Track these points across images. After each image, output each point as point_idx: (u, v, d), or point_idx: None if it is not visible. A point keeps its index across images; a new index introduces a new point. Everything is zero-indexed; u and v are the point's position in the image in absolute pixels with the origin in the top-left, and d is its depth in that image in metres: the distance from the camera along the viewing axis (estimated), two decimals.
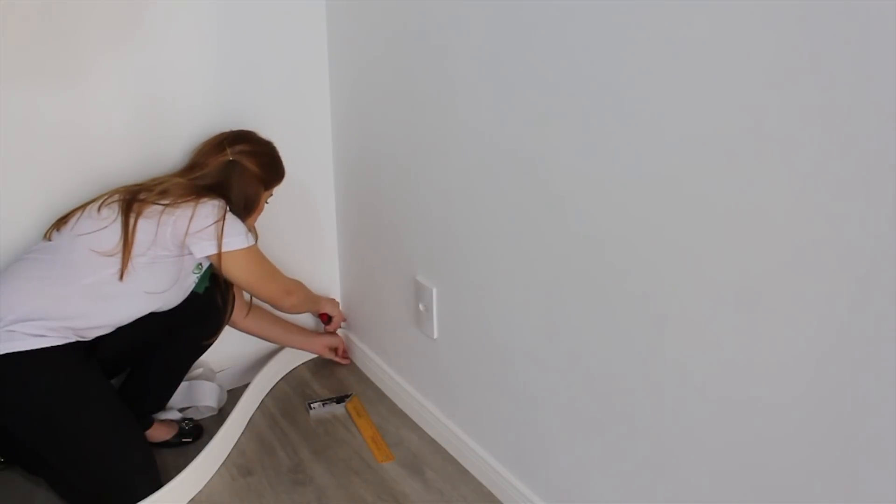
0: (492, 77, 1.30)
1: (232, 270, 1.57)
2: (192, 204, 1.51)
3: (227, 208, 1.55)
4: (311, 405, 1.83)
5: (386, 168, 1.71)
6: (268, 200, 1.72)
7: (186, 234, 1.50)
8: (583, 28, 1.10)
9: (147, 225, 1.48)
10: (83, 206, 1.53)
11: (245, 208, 1.62)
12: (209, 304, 1.65)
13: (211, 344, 1.71)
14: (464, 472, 1.61)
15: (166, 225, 1.48)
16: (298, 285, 1.82)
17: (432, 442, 1.71)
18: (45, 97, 1.55)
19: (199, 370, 1.85)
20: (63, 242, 1.49)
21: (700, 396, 1.06)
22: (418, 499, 1.54)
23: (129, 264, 1.46)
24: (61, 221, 1.54)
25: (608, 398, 1.22)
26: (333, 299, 2.05)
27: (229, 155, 1.60)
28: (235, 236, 1.55)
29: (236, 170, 1.60)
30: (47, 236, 1.54)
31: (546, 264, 1.29)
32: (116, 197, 1.52)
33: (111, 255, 1.46)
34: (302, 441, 1.72)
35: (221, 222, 1.53)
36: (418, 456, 1.67)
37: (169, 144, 1.69)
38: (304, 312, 1.95)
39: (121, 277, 1.46)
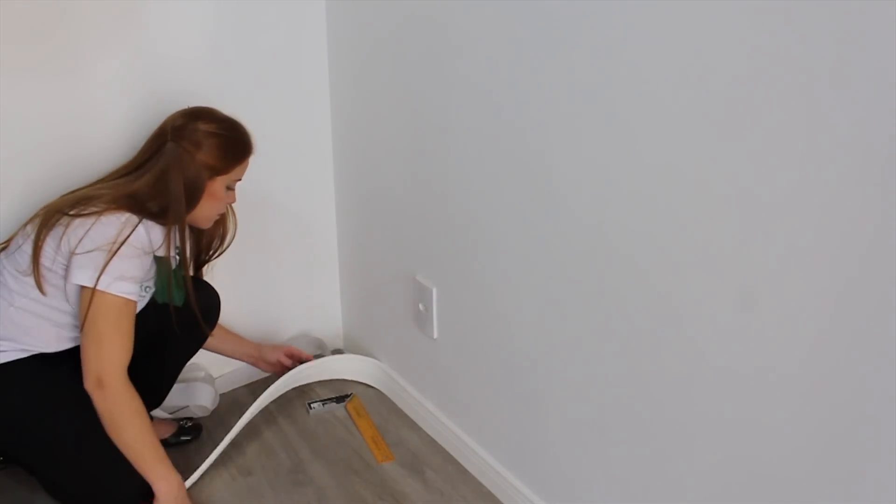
0: (491, 77, 1.30)
1: (84, 308, 1.35)
2: (92, 218, 1.36)
3: (135, 227, 1.37)
4: (311, 405, 1.83)
5: (386, 167, 1.71)
6: (232, 186, 1.54)
7: (73, 253, 1.34)
8: (586, 25, 1.10)
9: (52, 240, 1.37)
10: (27, 221, 1.46)
11: (187, 200, 1.44)
12: (193, 315, 1.56)
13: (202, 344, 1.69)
14: (464, 472, 1.61)
15: (65, 238, 1.36)
16: (125, 398, 1.39)
17: (432, 442, 1.71)
18: (39, 90, 1.55)
19: (201, 373, 1.85)
20: (1, 262, 1.45)
21: (701, 397, 1.06)
22: (418, 499, 1.54)
23: (42, 279, 1.38)
24: (10, 238, 1.49)
25: (608, 398, 1.22)
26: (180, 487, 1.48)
27: (170, 141, 1.44)
28: (119, 279, 1.34)
29: (174, 157, 1.43)
30: None
31: (546, 264, 1.29)
32: (43, 210, 1.43)
33: (28, 275, 1.39)
34: (302, 441, 1.72)
35: (112, 254, 1.34)
36: (418, 456, 1.67)
37: None
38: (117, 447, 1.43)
39: (42, 291, 1.38)
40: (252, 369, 1.91)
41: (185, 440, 1.72)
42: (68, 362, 1.47)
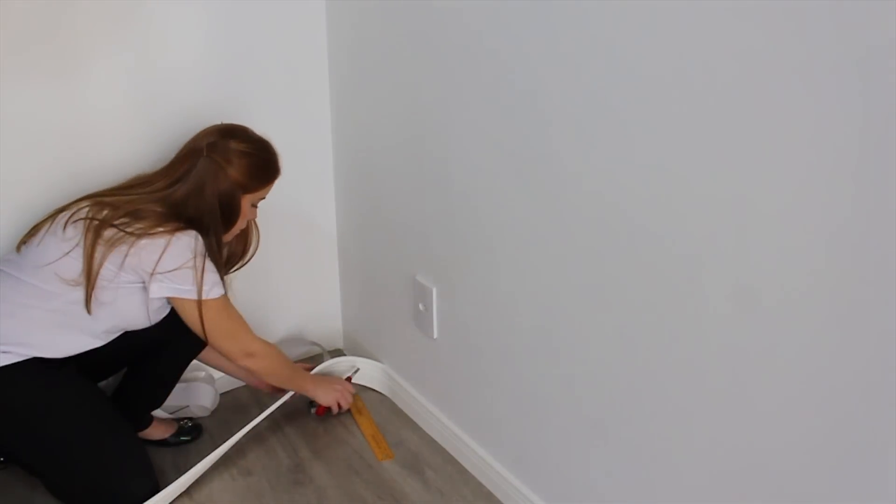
0: (492, 77, 1.30)
1: (191, 318, 1.48)
2: (164, 238, 1.42)
3: (204, 246, 1.46)
4: (312, 405, 1.82)
5: (386, 167, 1.71)
6: (256, 204, 1.60)
7: (153, 272, 1.42)
8: (585, 31, 1.10)
9: (115, 257, 1.41)
10: (52, 216, 1.48)
11: (224, 217, 1.51)
12: None
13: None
14: (464, 472, 1.61)
15: (132, 256, 1.41)
16: (267, 350, 1.61)
17: (432, 442, 1.71)
18: (40, 94, 1.55)
19: (202, 373, 1.85)
20: (28, 262, 1.45)
21: (700, 397, 1.06)
22: (418, 499, 1.53)
23: (94, 295, 1.41)
24: (31, 233, 1.49)
25: (608, 398, 1.22)
26: (334, 380, 1.78)
27: (205, 156, 1.48)
28: (213, 285, 1.47)
29: (210, 173, 1.48)
30: (18, 248, 1.50)
31: (546, 264, 1.29)
32: (83, 213, 1.45)
33: (76, 285, 1.41)
34: (302, 441, 1.72)
35: (200, 270, 1.44)
36: (418, 456, 1.67)
37: (165, 143, 1.68)
38: (275, 385, 1.71)
39: (88, 310, 1.42)
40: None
41: (185, 440, 1.72)
42: (71, 363, 1.47)
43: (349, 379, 1.86)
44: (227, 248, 1.67)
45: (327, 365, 1.89)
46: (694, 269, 1.02)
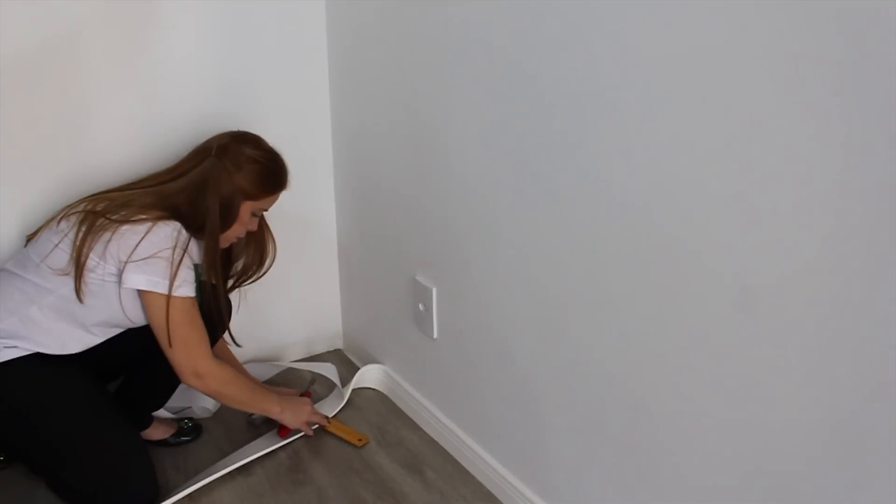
0: (492, 77, 1.30)
1: (157, 315, 1.43)
2: (145, 225, 1.41)
3: (186, 238, 1.44)
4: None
5: (386, 167, 1.71)
6: (258, 214, 1.59)
7: (128, 259, 1.40)
8: (585, 26, 1.10)
9: (99, 246, 1.41)
10: (56, 216, 1.49)
11: (222, 219, 1.49)
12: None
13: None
14: (464, 472, 1.61)
15: (113, 243, 1.40)
16: (220, 374, 1.51)
17: (432, 442, 1.71)
18: (42, 100, 1.56)
19: None
20: (28, 258, 1.47)
21: (700, 396, 1.06)
22: (418, 499, 1.54)
23: (83, 283, 1.41)
24: (37, 230, 1.52)
25: (608, 398, 1.22)
26: (303, 401, 1.70)
27: (213, 157, 1.49)
28: (183, 283, 1.43)
29: (213, 174, 1.48)
30: (26, 244, 1.53)
31: (546, 264, 1.29)
32: (80, 207, 1.46)
33: (65, 274, 1.41)
34: (302, 441, 1.72)
35: (176, 263, 1.40)
36: (418, 456, 1.67)
37: (166, 145, 1.69)
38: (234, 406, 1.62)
39: (80, 298, 1.41)
40: (256, 372, 1.91)
41: (185, 440, 1.72)
42: (76, 361, 1.48)
43: (308, 393, 1.82)
44: (244, 259, 1.70)
45: (310, 366, 1.90)
46: (695, 269, 1.02)
